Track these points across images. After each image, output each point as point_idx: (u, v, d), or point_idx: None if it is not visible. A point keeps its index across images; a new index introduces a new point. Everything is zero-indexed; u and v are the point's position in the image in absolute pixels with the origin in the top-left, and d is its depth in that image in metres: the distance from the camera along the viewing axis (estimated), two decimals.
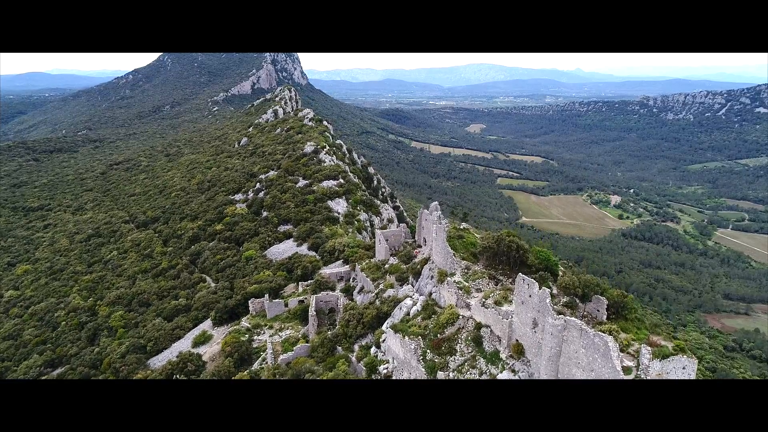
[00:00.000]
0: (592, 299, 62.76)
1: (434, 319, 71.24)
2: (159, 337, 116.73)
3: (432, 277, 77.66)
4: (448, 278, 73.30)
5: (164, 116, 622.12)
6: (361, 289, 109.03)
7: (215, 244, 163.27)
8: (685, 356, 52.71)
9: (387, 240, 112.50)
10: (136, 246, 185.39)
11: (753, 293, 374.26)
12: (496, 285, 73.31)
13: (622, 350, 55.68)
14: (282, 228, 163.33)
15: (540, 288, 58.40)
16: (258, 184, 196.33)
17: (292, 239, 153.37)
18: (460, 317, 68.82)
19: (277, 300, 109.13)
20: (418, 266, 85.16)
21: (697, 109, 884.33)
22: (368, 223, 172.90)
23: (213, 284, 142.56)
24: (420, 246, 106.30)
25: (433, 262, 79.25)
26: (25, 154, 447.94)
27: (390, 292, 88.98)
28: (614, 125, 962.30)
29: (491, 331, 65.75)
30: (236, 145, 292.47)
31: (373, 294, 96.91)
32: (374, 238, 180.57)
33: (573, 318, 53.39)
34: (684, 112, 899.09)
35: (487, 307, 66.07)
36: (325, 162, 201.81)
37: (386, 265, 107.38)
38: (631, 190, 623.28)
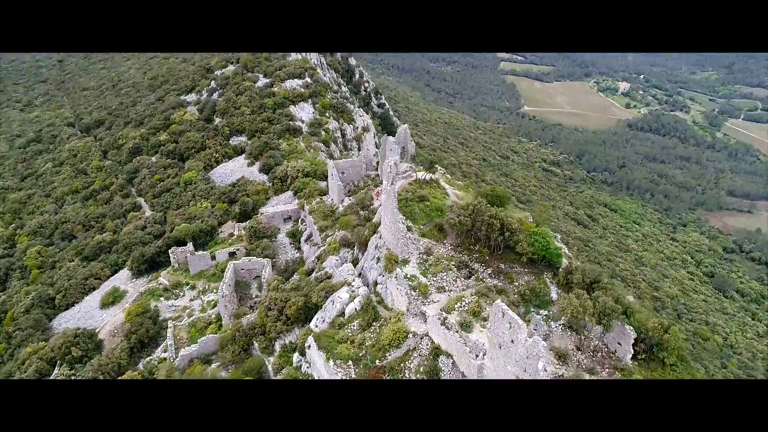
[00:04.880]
0: (614, 327, 40.24)
1: (375, 331, 49.03)
2: (69, 287, 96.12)
3: (378, 259, 54.35)
4: (398, 269, 50.00)
5: None
6: (309, 237, 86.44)
7: (157, 160, 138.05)
8: None
9: (343, 173, 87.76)
10: (72, 157, 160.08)
11: (758, 190, 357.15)
12: (469, 278, 50.26)
13: None
14: (234, 140, 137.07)
15: (530, 333, 35.69)
16: (213, 83, 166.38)
17: (243, 156, 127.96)
18: (410, 336, 46.54)
19: (201, 252, 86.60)
20: (366, 233, 61.35)
21: None
22: (338, 134, 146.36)
23: (148, 212, 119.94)
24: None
25: (381, 237, 55.51)
26: None
27: (331, 262, 66.04)
28: None
29: (454, 362, 43.93)
30: None
31: (315, 256, 74.46)
32: (346, 151, 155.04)
33: None
34: None
35: (449, 328, 43.55)
36: (290, 55, 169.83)
37: (339, 208, 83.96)
38: (641, 76, 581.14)
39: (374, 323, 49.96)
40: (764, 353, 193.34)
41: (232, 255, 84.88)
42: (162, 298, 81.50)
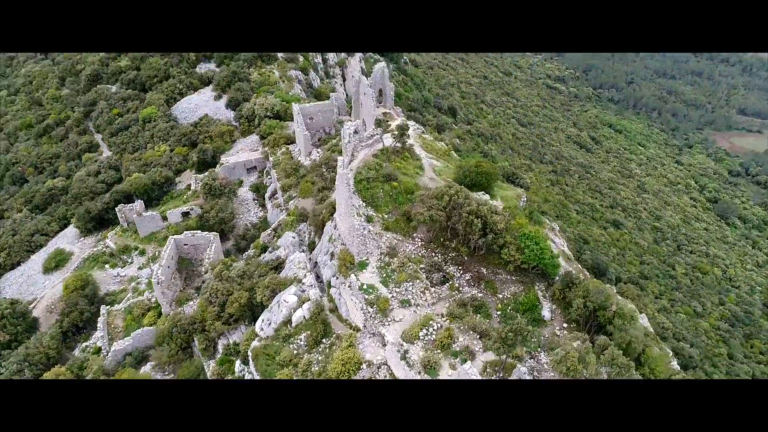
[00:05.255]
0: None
1: (324, 351, 39.88)
2: (14, 244, 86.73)
3: (333, 255, 44.19)
4: (353, 275, 40.01)
5: None
6: (273, 195, 75.78)
7: (117, 90, 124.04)
8: None
9: (311, 119, 75.70)
10: (28, 84, 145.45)
11: None
12: (442, 284, 40.47)
13: None
14: (201, 67, 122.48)
15: None
16: None
17: (210, 87, 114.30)
18: (364, 365, 37.38)
19: (150, 213, 75.94)
20: (323, 215, 50.66)
21: None
22: (319, 59, 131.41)
23: (106, 152, 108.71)
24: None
25: (336, 227, 44.95)
26: None
27: (287, 239, 55.83)
28: None
29: None
30: None
31: (272, 228, 64.17)
32: (328, 79, 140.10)
33: None
34: None
35: (410, 366, 34.27)
36: None
37: (306, 162, 72.73)
38: None
39: (324, 340, 40.79)
40: (763, 286, 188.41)
41: (185, 215, 74.58)
42: (107, 266, 72.31)
